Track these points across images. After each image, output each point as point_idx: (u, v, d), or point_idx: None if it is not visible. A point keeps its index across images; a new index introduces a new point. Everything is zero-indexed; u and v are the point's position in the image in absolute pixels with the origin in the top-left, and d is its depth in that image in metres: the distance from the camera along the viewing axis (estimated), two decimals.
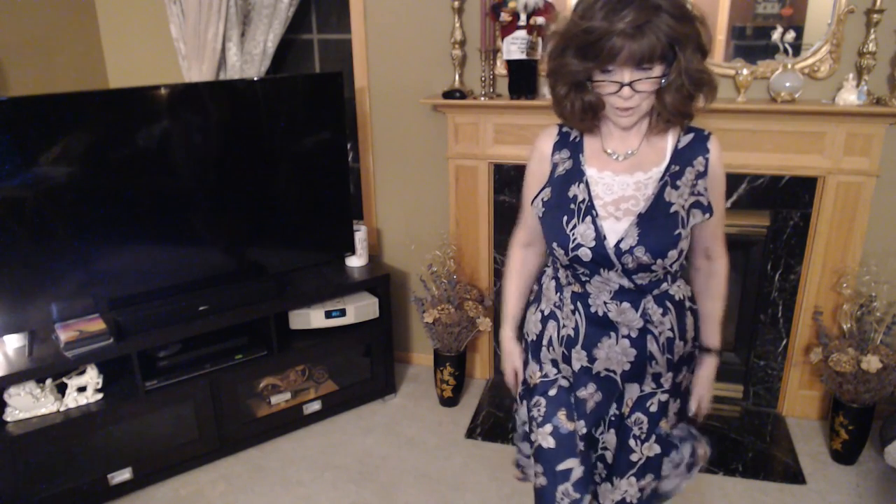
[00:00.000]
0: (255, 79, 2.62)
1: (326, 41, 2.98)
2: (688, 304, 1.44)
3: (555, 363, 1.47)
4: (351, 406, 2.89)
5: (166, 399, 2.40)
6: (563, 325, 1.43)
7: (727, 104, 2.39)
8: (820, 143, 2.41)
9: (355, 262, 2.90)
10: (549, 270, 1.50)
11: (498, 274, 2.92)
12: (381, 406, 2.94)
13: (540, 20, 2.43)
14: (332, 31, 2.95)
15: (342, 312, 2.74)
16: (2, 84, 2.63)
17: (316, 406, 2.77)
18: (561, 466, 1.43)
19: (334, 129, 2.66)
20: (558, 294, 1.45)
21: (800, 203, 2.52)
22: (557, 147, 1.42)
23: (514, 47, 2.50)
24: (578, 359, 1.42)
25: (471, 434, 2.72)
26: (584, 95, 1.28)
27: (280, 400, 2.73)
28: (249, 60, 2.79)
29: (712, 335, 1.51)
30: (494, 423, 2.78)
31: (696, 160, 1.34)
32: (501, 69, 2.64)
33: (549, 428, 1.45)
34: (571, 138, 1.40)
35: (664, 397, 1.43)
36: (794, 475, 2.44)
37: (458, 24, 2.60)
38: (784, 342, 2.70)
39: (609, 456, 1.48)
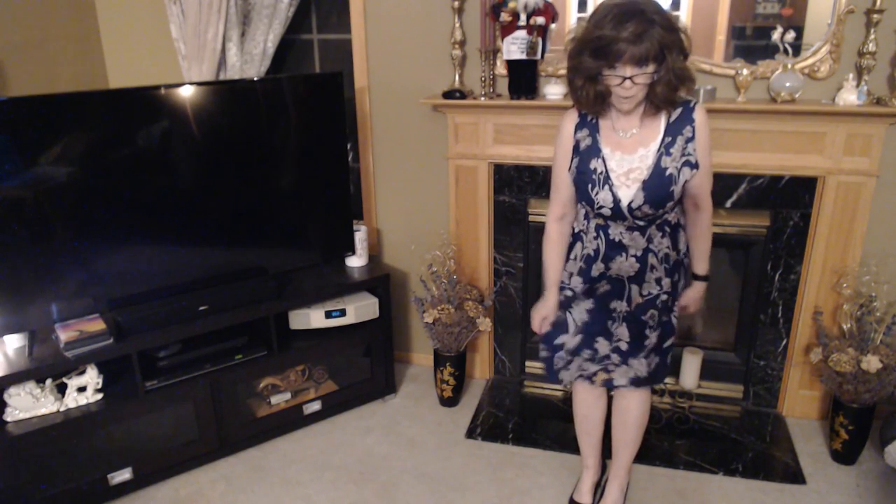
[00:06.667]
0: (255, 79, 2.62)
1: (326, 41, 2.98)
2: (680, 224, 1.90)
3: (580, 271, 1.95)
4: (351, 406, 2.89)
5: (166, 399, 2.40)
6: (585, 247, 1.92)
7: (727, 104, 2.39)
8: (820, 144, 2.41)
9: (355, 262, 2.90)
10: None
11: (498, 274, 2.93)
12: (381, 406, 2.94)
13: (540, 20, 2.43)
14: (332, 31, 2.95)
15: (342, 312, 2.75)
16: (2, 84, 2.63)
17: (316, 406, 2.77)
18: (592, 331, 2.00)
19: (334, 129, 2.66)
20: (586, 222, 1.91)
21: (800, 203, 2.52)
22: (579, 127, 1.83)
23: (514, 47, 2.50)
24: (597, 269, 1.91)
25: (471, 434, 2.72)
26: (596, 86, 1.68)
27: (280, 400, 2.73)
28: (249, 60, 2.79)
29: (702, 265, 1.97)
30: (494, 423, 2.78)
31: (685, 129, 1.75)
32: (501, 69, 2.64)
33: (585, 306, 1.98)
34: (589, 120, 1.81)
35: (665, 297, 1.92)
36: (794, 475, 2.44)
37: (458, 24, 2.60)
38: (784, 342, 2.70)
39: (623, 345, 1.96)
